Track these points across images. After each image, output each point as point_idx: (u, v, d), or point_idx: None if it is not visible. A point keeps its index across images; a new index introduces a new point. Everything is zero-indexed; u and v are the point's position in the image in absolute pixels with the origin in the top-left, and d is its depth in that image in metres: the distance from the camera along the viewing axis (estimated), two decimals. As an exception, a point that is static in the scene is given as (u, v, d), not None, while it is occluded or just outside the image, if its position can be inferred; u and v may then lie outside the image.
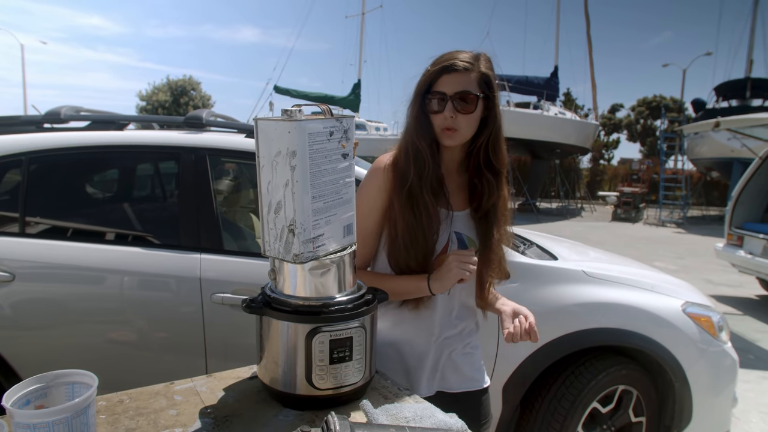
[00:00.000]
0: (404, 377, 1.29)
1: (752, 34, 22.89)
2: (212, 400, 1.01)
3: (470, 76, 1.16)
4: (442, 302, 1.27)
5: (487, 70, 1.19)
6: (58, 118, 2.28)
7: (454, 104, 1.15)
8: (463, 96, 1.15)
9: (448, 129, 1.18)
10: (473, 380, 1.35)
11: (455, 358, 1.32)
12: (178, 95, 30.19)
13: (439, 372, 1.30)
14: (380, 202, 1.24)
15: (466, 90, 1.15)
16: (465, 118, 1.17)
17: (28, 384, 0.78)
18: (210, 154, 2.13)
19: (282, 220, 0.92)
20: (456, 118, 1.16)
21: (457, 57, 1.17)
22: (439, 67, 1.17)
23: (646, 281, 2.28)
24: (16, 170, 2.12)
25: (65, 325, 1.97)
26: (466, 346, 1.34)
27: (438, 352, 1.29)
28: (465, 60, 1.16)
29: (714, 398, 2.20)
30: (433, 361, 1.29)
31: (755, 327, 5.16)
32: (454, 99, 1.15)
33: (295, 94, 18.30)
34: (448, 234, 1.25)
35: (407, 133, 1.24)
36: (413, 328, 1.28)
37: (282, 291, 1.00)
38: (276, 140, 0.89)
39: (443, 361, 1.30)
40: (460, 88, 1.15)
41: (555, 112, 17.89)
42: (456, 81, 1.16)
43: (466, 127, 1.18)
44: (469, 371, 1.34)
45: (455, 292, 1.28)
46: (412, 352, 1.28)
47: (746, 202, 6.08)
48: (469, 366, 1.34)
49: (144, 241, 2.12)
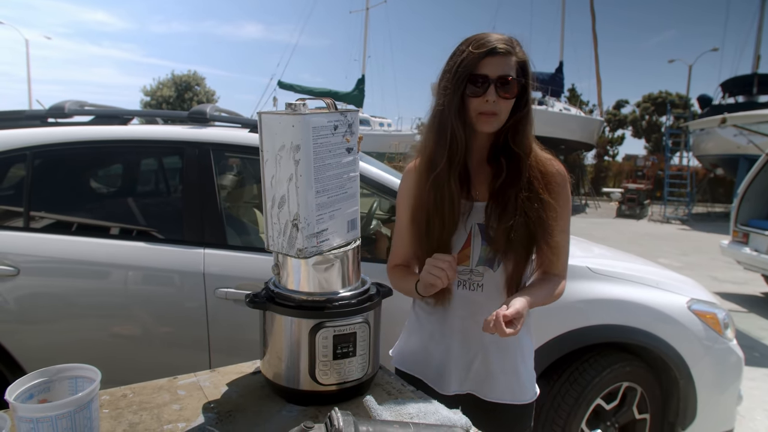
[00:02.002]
0: (434, 371, 1.26)
1: (759, 30, 22.70)
2: (215, 395, 1.01)
3: (511, 60, 1.12)
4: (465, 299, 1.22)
5: (524, 56, 1.16)
6: (62, 113, 2.28)
7: (496, 88, 1.11)
8: (506, 81, 1.11)
9: (487, 114, 1.13)
10: (511, 393, 1.25)
11: (491, 365, 1.24)
12: (183, 91, 30.20)
13: (471, 373, 1.25)
14: (413, 201, 1.23)
15: (509, 74, 1.12)
16: (506, 103, 1.13)
17: (31, 378, 0.78)
18: (214, 149, 2.12)
19: (286, 214, 0.91)
20: (498, 102, 1.12)
21: (497, 40, 1.12)
22: (483, 51, 1.10)
23: (651, 278, 2.27)
24: (20, 165, 2.12)
25: (69, 320, 1.98)
26: (505, 355, 1.24)
27: (469, 352, 1.24)
28: (506, 43, 1.12)
29: (719, 395, 2.19)
30: (462, 359, 1.24)
31: (760, 324, 5.13)
32: (497, 83, 1.11)
33: (298, 90, 18.28)
34: (470, 226, 1.20)
35: (444, 115, 1.16)
36: (438, 321, 1.26)
37: (285, 286, 0.99)
38: (280, 134, 0.88)
39: (477, 364, 1.24)
40: (502, 72, 1.11)
41: (560, 107, 17.80)
42: (498, 64, 1.11)
43: (505, 112, 1.14)
44: (506, 382, 1.25)
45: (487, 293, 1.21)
46: (438, 346, 1.26)
47: (752, 199, 6.04)
48: (508, 376, 1.25)
49: (148, 235, 2.12)
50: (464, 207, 1.19)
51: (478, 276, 1.21)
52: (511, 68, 1.12)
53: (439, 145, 1.17)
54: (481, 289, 1.21)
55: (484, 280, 1.21)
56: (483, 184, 1.22)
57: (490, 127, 1.15)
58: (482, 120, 1.14)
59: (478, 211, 1.20)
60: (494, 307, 1.17)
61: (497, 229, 1.16)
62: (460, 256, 1.19)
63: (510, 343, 1.24)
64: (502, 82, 1.11)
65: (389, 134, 24.18)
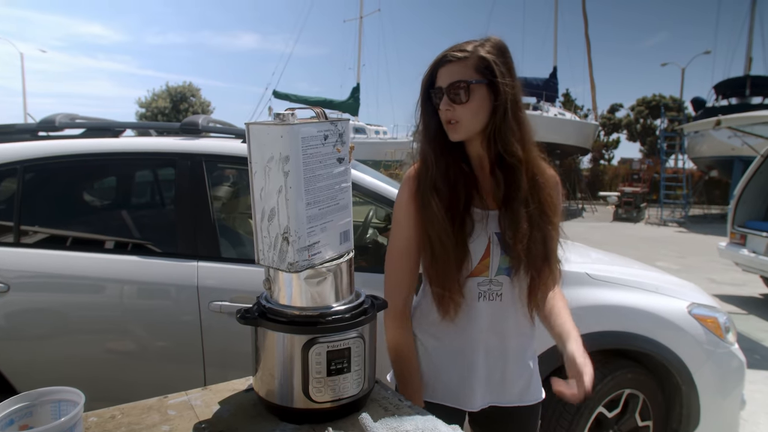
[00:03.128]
0: (456, 389, 1.22)
1: (751, 32, 22.91)
2: (207, 414, 0.98)
3: (467, 64, 1.10)
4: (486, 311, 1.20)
5: (488, 54, 1.11)
6: (52, 126, 2.26)
7: (449, 96, 1.11)
8: (454, 86, 1.10)
9: (449, 122, 1.13)
10: (527, 394, 1.27)
11: (508, 372, 1.24)
12: (178, 102, 30.23)
13: (493, 383, 1.23)
14: (411, 211, 1.19)
15: (456, 80, 1.10)
16: (463, 109, 1.11)
17: (12, 403, 0.75)
18: (206, 161, 2.10)
19: (276, 227, 0.89)
20: (453, 109, 1.11)
21: (455, 48, 1.13)
22: (435, 62, 1.14)
23: (651, 282, 2.25)
24: (10, 179, 2.10)
25: (61, 336, 1.94)
26: (520, 360, 1.26)
27: (492, 364, 1.22)
28: (461, 49, 1.11)
29: (722, 401, 2.17)
30: (486, 371, 1.22)
31: (760, 326, 5.11)
32: (448, 90, 1.11)
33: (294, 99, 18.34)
34: (488, 235, 1.17)
35: (415, 134, 1.22)
36: (459, 339, 1.22)
37: (277, 301, 0.96)
38: (268, 145, 0.86)
39: (498, 374, 1.23)
40: (453, 78, 1.11)
41: (554, 112, 17.88)
42: (451, 72, 1.11)
43: (468, 118, 1.12)
44: (520, 385, 1.26)
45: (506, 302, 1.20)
46: (461, 365, 1.22)
47: (749, 201, 6.05)
48: (524, 380, 1.27)
49: (140, 249, 2.09)
50: (480, 215, 1.17)
51: (497, 285, 1.19)
52: (465, 72, 1.10)
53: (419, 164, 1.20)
54: (500, 298, 1.19)
55: (503, 289, 1.19)
56: (490, 193, 1.20)
57: (457, 135, 1.15)
58: (449, 129, 1.15)
59: (494, 220, 1.18)
60: (514, 315, 1.21)
61: (513, 238, 1.14)
62: (480, 267, 1.17)
63: (526, 348, 1.27)
64: (453, 90, 1.11)
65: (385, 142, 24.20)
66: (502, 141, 1.13)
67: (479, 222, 1.16)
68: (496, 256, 1.17)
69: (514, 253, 1.15)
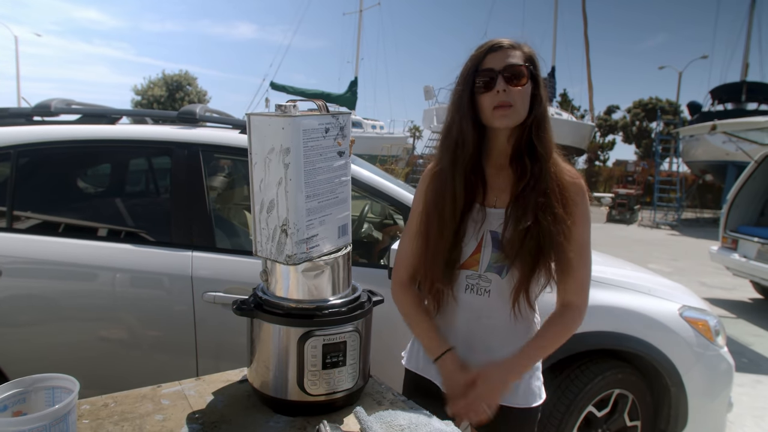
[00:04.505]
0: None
1: (748, 38, 23.00)
2: (200, 404, 0.98)
3: (516, 52, 1.13)
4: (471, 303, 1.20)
5: (530, 51, 1.16)
6: (48, 111, 2.24)
7: (504, 77, 1.10)
8: (513, 68, 1.10)
9: (501, 106, 1.10)
10: (514, 396, 1.23)
11: None
12: (174, 90, 30.00)
13: None
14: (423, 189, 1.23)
15: (515, 62, 1.11)
16: (518, 92, 1.10)
17: (5, 389, 0.74)
18: (203, 150, 2.08)
19: (275, 219, 0.89)
20: (509, 91, 1.09)
21: (500, 39, 1.15)
22: (485, 48, 1.13)
23: (643, 284, 2.26)
24: (4, 164, 2.07)
25: (53, 323, 1.93)
26: None
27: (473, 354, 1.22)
28: (509, 40, 1.14)
29: (710, 403, 2.19)
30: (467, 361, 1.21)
31: (749, 330, 5.17)
32: (503, 73, 1.10)
33: (291, 91, 18.23)
34: (481, 234, 1.17)
35: (449, 114, 1.18)
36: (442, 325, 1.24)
37: (274, 293, 0.96)
38: (269, 137, 0.86)
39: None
40: (508, 61, 1.11)
41: (551, 112, 17.82)
42: (505, 56, 1.11)
43: (521, 101, 1.11)
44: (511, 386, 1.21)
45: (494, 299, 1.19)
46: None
47: (741, 206, 6.09)
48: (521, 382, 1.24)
49: (135, 237, 2.08)
50: (478, 214, 1.17)
51: (486, 282, 1.19)
52: (517, 59, 1.12)
53: (445, 145, 1.18)
54: (488, 294, 1.20)
55: (491, 286, 1.19)
56: (503, 190, 1.19)
57: (509, 121, 1.11)
58: (498, 114, 1.11)
59: (492, 219, 1.18)
60: (499, 311, 1.20)
61: (512, 235, 1.13)
62: (470, 261, 1.18)
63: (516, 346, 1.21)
64: (509, 71, 1.10)
65: (381, 137, 24.16)
66: (541, 135, 1.15)
67: (477, 219, 1.17)
68: (487, 254, 1.17)
69: (507, 252, 1.15)
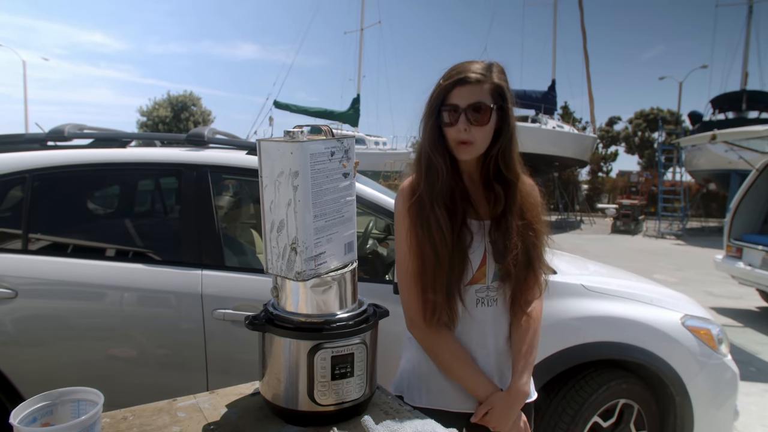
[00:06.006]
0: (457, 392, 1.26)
1: (746, 47, 23.19)
2: (215, 416, 1.02)
3: (483, 87, 1.14)
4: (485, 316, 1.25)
5: (500, 80, 1.17)
6: (61, 136, 2.31)
7: (467, 116, 1.14)
8: (476, 107, 1.13)
9: (463, 142, 1.16)
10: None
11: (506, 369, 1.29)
12: (179, 110, 30.37)
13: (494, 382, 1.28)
14: (407, 224, 1.22)
15: (479, 101, 1.13)
16: (479, 131, 1.15)
17: (34, 402, 0.79)
18: (212, 171, 2.15)
19: (284, 238, 0.94)
20: (470, 130, 1.14)
21: (469, 69, 1.15)
22: (452, 81, 1.15)
23: (646, 294, 2.29)
24: (19, 187, 2.14)
25: (67, 342, 1.98)
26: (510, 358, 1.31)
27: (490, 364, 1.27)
28: (477, 71, 1.15)
29: (715, 411, 2.20)
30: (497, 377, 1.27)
31: (756, 339, 5.14)
32: (467, 111, 1.14)
33: (294, 109, 18.44)
34: (483, 246, 1.22)
35: (420, 145, 1.23)
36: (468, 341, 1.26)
37: (284, 308, 1.01)
38: (278, 161, 0.91)
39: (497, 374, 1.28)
40: (472, 99, 1.13)
41: (553, 125, 17.96)
42: (469, 93, 1.14)
43: (481, 139, 1.16)
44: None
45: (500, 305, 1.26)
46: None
47: (744, 214, 6.10)
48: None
49: (146, 257, 2.14)
50: (476, 226, 1.23)
51: (494, 291, 1.25)
52: (483, 95, 1.14)
53: (419, 174, 1.22)
54: (496, 303, 1.26)
55: (498, 294, 1.25)
56: (483, 206, 1.25)
57: (468, 155, 1.19)
58: (460, 149, 1.18)
59: (486, 229, 1.24)
60: (506, 319, 1.27)
61: (505, 248, 1.21)
62: (477, 275, 1.23)
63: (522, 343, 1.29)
64: (473, 110, 1.14)
65: (385, 153, 24.31)
66: (507, 162, 1.21)
67: (477, 233, 1.22)
68: (491, 264, 1.23)
69: (505, 261, 1.21)
